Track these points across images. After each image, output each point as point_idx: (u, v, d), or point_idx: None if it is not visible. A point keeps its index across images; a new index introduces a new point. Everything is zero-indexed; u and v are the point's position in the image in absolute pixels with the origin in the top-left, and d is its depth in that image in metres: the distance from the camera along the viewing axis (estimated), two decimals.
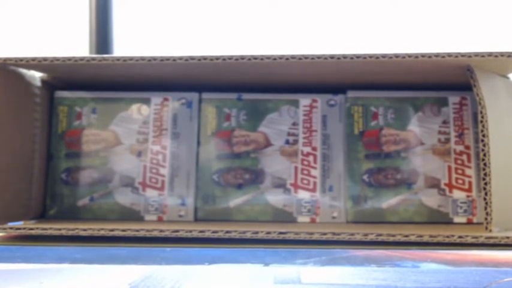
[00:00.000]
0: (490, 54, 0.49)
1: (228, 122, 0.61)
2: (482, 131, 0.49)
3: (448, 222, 0.58)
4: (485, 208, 0.48)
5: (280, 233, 0.47)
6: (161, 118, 0.61)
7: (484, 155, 0.49)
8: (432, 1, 1.14)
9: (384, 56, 0.50)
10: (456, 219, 0.58)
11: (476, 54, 0.49)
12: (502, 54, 0.49)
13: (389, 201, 0.59)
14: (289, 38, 1.13)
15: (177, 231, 0.47)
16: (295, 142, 0.61)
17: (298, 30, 1.14)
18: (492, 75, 0.53)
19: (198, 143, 0.61)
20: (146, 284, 0.44)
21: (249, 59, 0.51)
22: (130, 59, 0.52)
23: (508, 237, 0.45)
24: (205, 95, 0.62)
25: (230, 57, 0.51)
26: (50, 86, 0.62)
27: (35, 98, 0.59)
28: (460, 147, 0.59)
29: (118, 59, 0.52)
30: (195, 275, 0.45)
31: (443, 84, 0.59)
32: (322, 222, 0.59)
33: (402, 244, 0.46)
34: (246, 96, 0.62)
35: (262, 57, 0.51)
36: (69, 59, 0.52)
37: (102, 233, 0.48)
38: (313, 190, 0.59)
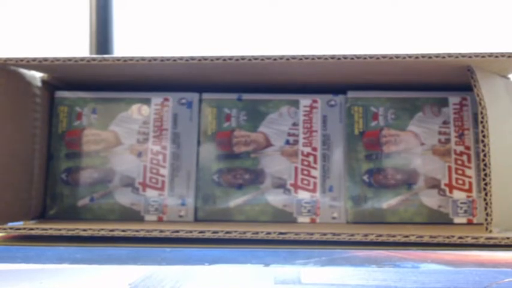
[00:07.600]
0: (490, 54, 0.49)
1: (228, 122, 0.61)
2: (482, 131, 0.49)
3: (448, 222, 0.58)
4: (486, 209, 0.48)
5: (280, 233, 0.47)
6: (161, 118, 0.61)
7: (484, 155, 0.49)
8: (432, 1, 1.14)
9: (384, 56, 0.50)
10: (456, 220, 0.58)
11: (477, 55, 0.49)
12: (502, 55, 0.49)
13: (390, 201, 0.59)
14: (290, 38, 1.13)
15: (177, 231, 0.47)
16: (296, 142, 0.61)
17: (298, 30, 1.14)
18: (492, 76, 0.53)
19: (198, 143, 0.61)
20: (146, 285, 0.44)
21: (249, 60, 0.51)
22: (131, 59, 0.52)
23: (508, 238, 0.45)
24: (206, 95, 0.62)
25: (230, 58, 0.51)
26: (50, 86, 0.62)
27: (35, 98, 0.59)
28: (460, 148, 0.59)
29: (118, 59, 0.52)
30: (195, 275, 0.45)
31: (443, 85, 0.59)
32: (322, 223, 0.59)
33: (402, 245, 0.46)
34: (246, 96, 0.62)
35: (262, 58, 0.51)
36: (70, 59, 0.52)
37: (102, 233, 0.48)
38: (313, 190, 0.59)
